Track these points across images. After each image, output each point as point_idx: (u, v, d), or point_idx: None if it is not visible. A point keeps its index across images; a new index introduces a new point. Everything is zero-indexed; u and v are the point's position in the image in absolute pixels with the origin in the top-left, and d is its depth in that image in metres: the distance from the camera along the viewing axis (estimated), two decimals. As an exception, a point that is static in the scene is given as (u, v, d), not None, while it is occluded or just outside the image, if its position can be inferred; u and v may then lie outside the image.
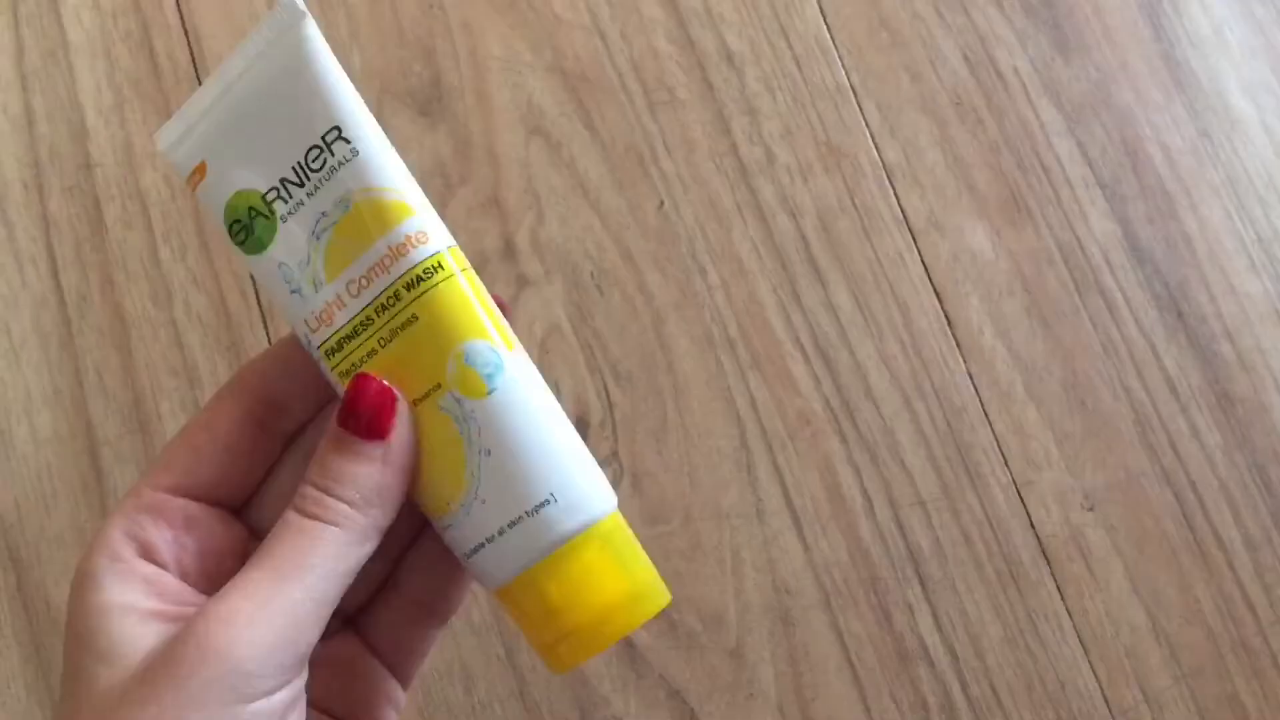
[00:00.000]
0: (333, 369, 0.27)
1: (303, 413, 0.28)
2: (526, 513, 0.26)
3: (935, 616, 0.42)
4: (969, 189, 0.47)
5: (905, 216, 0.46)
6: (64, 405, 0.42)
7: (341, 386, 0.26)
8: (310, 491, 0.25)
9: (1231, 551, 0.44)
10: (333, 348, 0.27)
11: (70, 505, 0.41)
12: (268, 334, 0.43)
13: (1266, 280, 0.46)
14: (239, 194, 0.27)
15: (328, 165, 0.27)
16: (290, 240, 0.27)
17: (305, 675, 0.24)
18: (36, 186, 0.43)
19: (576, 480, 0.27)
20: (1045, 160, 0.47)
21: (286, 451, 0.29)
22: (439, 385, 0.26)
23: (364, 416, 0.25)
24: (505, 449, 0.26)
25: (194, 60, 0.45)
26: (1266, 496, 0.44)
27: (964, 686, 0.42)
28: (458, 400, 0.26)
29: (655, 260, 0.45)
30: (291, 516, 0.24)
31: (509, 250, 0.44)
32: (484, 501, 0.26)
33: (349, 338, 0.26)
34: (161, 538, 0.26)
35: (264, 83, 0.27)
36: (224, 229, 0.27)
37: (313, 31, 0.27)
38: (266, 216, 0.27)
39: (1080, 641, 0.43)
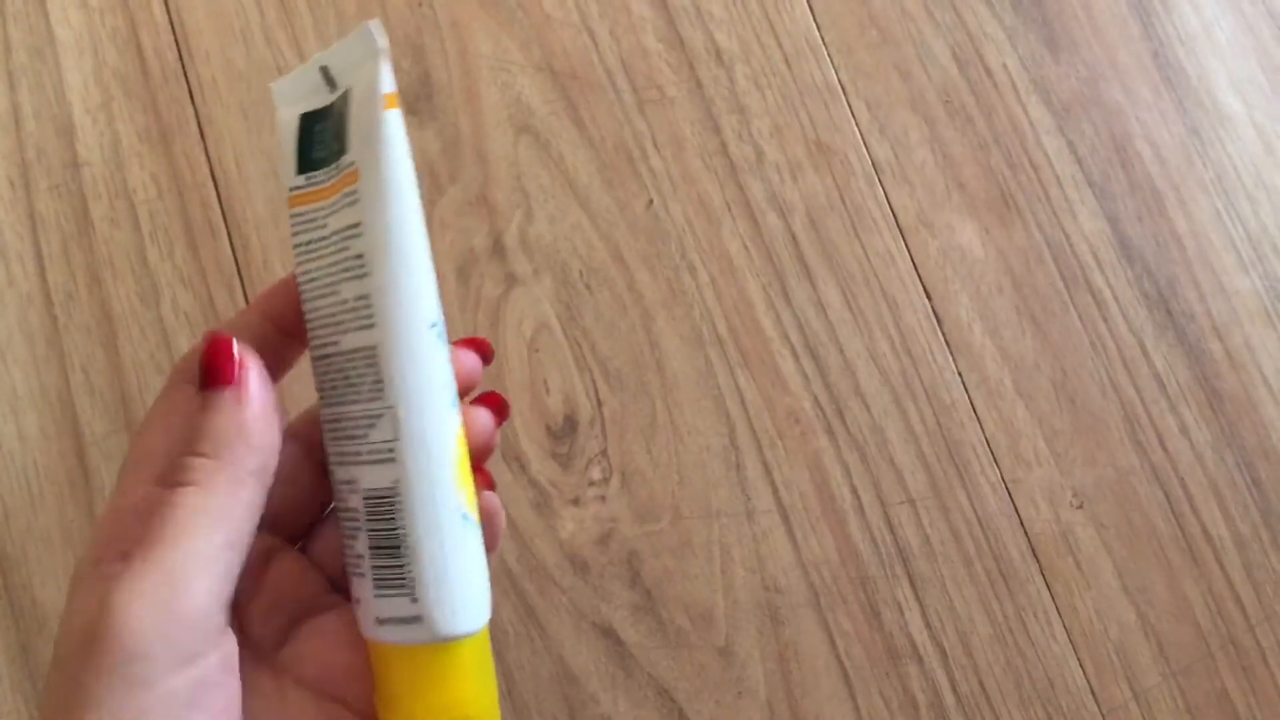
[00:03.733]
0: None
1: None
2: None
3: (924, 614, 0.42)
4: (958, 187, 0.46)
5: (894, 214, 0.46)
6: (50, 404, 0.42)
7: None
8: (175, 460, 0.24)
9: (1220, 548, 0.44)
10: None
11: (57, 504, 0.41)
12: (255, 332, 0.43)
13: (1255, 277, 0.46)
14: None
15: None
16: None
17: (218, 656, 0.23)
18: (23, 184, 0.43)
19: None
20: (1034, 158, 0.47)
21: None
22: None
23: (207, 367, 0.25)
24: None
25: (181, 58, 0.45)
26: (1255, 493, 0.44)
27: (953, 684, 0.42)
28: None
29: (644, 258, 0.45)
30: (154, 492, 0.24)
31: (498, 248, 0.44)
32: None
33: None
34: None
35: None
36: None
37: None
38: None
39: (1069, 639, 0.43)
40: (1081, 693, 0.42)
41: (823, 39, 0.48)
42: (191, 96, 0.45)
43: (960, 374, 0.45)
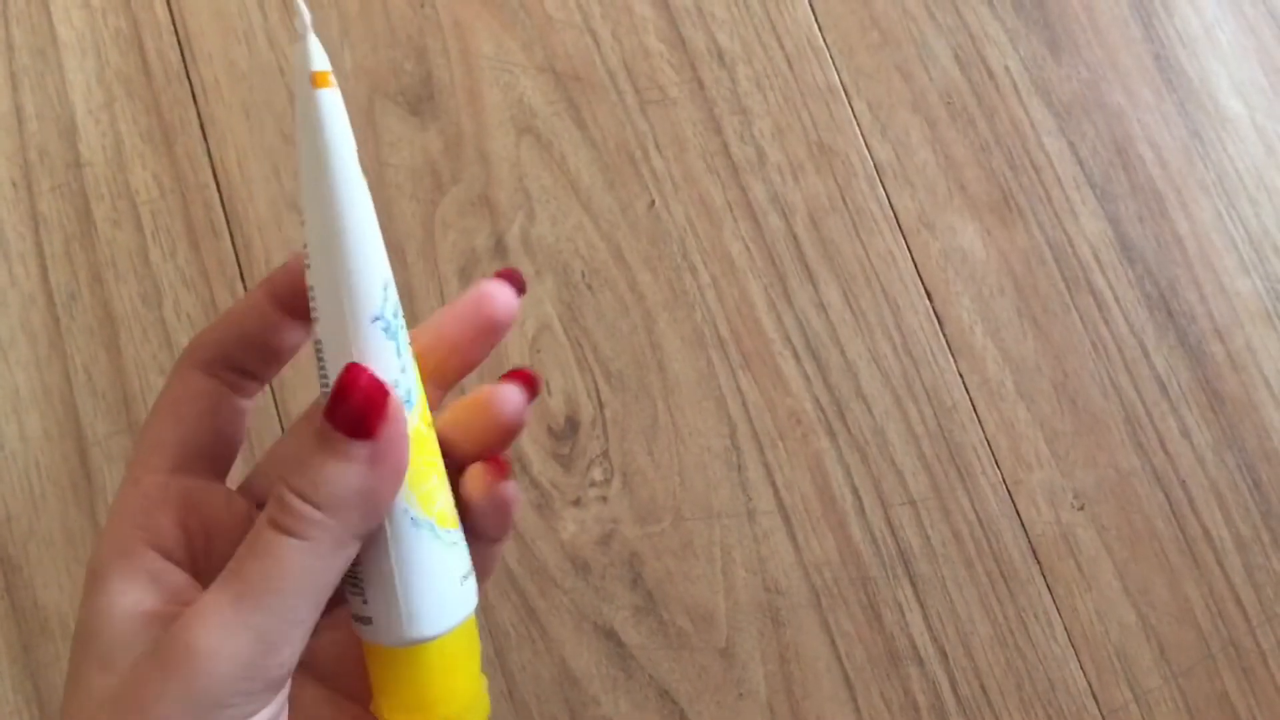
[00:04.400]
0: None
1: (269, 372, 0.28)
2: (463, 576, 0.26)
3: (925, 616, 0.42)
4: (960, 188, 0.47)
5: (896, 215, 0.46)
6: (53, 404, 0.42)
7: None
8: (284, 495, 0.23)
9: (1221, 550, 0.44)
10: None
11: (59, 505, 0.41)
12: (257, 333, 0.43)
13: (1256, 279, 0.46)
14: None
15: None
16: None
17: (286, 690, 0.24)
18: (26, 185, 0.43)
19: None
20: (1036, 159, 0.47)
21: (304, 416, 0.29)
22: None
23: (352, 412, 0.23)
24: None
25: (184, 59, 0.45)
26: (1256, 495, 0.44)
27: (954, 686, 0.42)
28: None
29: (646, 259, 0.45)
30: (260, 527, 0.23)
31: (500, 249, 0.44)
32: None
33: None
34: (168, 525, 0.25)
35: None
36: None
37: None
38: None
39: (1070, 641, 0.43)
40: (1082, 695, 0.42)
41: (824, 40, 0.48)
42: (194, 97, 0.45)
43: (961, 375, 0.45)
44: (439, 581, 0.25)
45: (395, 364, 0.25)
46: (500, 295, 0.28)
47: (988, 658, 0.42)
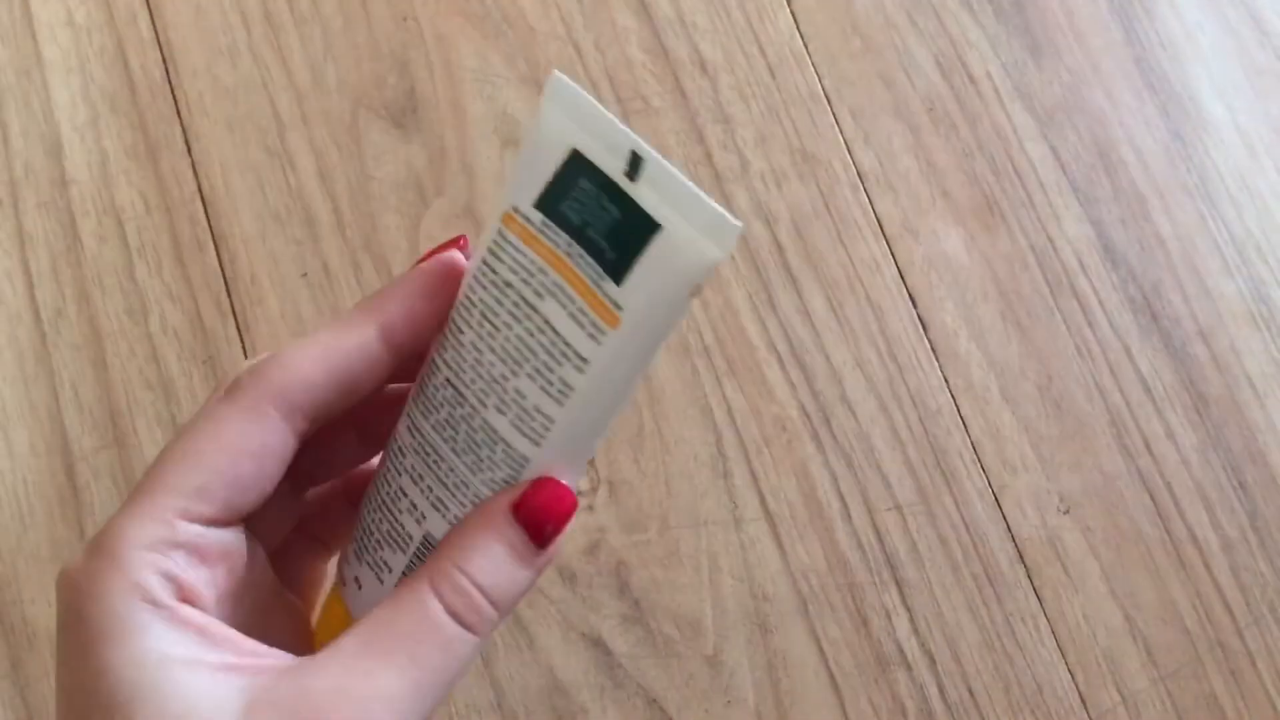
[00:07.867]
0: None
1: (344, 417, 0.25)
2: None
3: (912, 621, 0.43)
4: (943, 194, 0.47)
5: (879, 222, 0.46)
6: (40, 420, 0.42)
7: None
8: (463, 584, 0.22)
9: (1208, 552, 0.44)
10: None
11: (47, 521, 0.41)
12: (243, 347, 0.43)
13: (1240, 281, 0.47)
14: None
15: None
16: None
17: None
18: (12, 202, 0.44)
19: None
20: (1018, 164, 0.47)
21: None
22: None
23: (545, 525, 0.23)
24: None
25: (168, 75, 0.45)
26: (1242, 496, 0.44)
27: (941, 690, 0.42)
28: None
29: (630, 268, 0.45)
30: (434, 610, 0.22)
31: (484, 260, 0.45)
32: None
33: None
34: (200, 579, 0.22)
35: None
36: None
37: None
38: None
39: (1058, 644, 0.43)
40: (1070, 697, 0.42)
41: (806, 48, 0.48)
42: (178, 113, 0.45)
43: (946, 380, 0.45)
44: None
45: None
46: (445, 251, 0.25)
47: (975, 662, 0.42)
